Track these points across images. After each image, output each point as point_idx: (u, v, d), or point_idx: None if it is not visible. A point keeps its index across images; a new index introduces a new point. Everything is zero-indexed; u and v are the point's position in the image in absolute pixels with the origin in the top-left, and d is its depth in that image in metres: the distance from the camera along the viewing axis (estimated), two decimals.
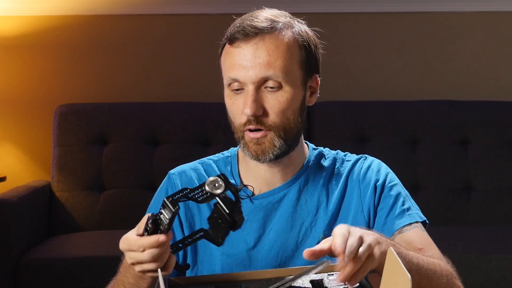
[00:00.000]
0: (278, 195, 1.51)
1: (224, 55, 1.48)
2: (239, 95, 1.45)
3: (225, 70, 1.47)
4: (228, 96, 1.47)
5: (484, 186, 3.38)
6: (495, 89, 3.64)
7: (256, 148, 1.45)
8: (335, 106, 3.45)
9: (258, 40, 1.43)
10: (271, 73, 1.42)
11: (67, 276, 2.87)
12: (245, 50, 1.43)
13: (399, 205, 1.50)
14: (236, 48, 1.44)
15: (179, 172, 1.55)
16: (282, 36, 1.44)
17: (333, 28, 3.48)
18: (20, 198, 3.03)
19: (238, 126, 1.46)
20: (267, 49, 1.42)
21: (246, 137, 1.45)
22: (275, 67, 1.42)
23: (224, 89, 1.50)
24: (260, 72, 1.42)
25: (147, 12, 3.62)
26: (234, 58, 1.44)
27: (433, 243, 1.50)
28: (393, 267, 1.11)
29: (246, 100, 1.43)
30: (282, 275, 1.28)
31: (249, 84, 1.43)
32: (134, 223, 1.25)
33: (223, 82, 1.50)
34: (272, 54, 1.42)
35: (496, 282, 2.84)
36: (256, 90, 1.43)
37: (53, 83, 3.62)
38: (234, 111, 1.46)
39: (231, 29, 1.47)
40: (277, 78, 1.43)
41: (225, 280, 1.26)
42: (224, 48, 1.49)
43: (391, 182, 1.53)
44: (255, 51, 1.42)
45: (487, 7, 3.63)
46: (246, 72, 1.42)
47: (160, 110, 3.44)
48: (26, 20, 3.58)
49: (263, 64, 1.42)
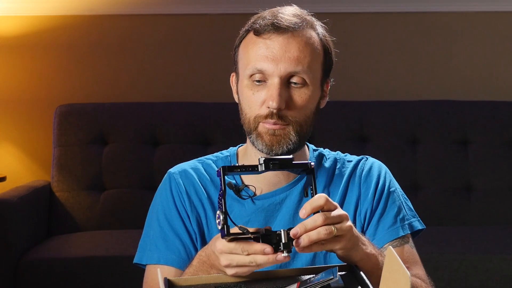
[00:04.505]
0: (280, 196, 1.50)
1: (248, 45, 1.46)
2: (260, 86, 1.44)
3: (249, 60, 1.45)
4: (248, 87, 1.45)
5: (484, 186, 3.38)
6: (495, 89, 3.64)
7: (272, 139, 1.44)
8: (335, 106, 3.44)
9: (290, 34, 1.43)
10: (299, 68, 1.42)
11: (67, 276, 2.87)
12: (276, 43, 1.42)
13: (394, 215, 1.51)
14: (266, 39, 1.43)
15: (180, 171, 1.55)
16: (309, 35, 1.45)
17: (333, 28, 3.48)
18: (20, 198, 3.03)
19: (254, 118, 1.44)
20: (298, 44, 1.43)
21: (261, 128, 1.44)
22: (304, 63, 1.43)
23: (239, 80, 1.49)
24: (290, 66, 1.42)
25: (147, 12, 3.62)
26: (262, 49, 1.43)
27: (419, 261, 1.51)
28: (393, 266, 1.12)
29: (271, 93, 1.42)
30: (282, 276, 1.28)
31: (275, 77, 1.42)
32: (134, 223, 1.25)
33: (239, 73, 1.49)
34: (302, 50, 1.43)
35: (496, 282, 2.84)
36: (282, 84, 1.42)
37: (53, 83, 3.62)
38: (252, 102, 1.45)
39: (260, 21, 1.45)
40: (303, 75, 1.43)
41: (225, 281, 1.26)
42: (246, 39, 1.47)
43: (391, 188, 1.54)
44: (287, 45, 1.42)
45: (487, 7, 3.63)
46: (276, 64, 1.41)
47: (160, 110, 3.44)
48: (26, 20, 3.58)
49: (293, 59, 1.42)
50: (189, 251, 1.49)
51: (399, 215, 1.51)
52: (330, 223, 1.23)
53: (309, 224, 1.22)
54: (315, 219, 1.22)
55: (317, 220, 1.22)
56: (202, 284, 1.25)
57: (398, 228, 1.50)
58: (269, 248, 1.21)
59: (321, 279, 1.19)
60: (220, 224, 1.20)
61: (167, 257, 1.49)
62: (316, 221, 1.22)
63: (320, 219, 1.22)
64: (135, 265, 1.55)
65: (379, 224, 1.50)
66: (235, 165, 1.21)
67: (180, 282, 1.26)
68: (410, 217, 1.53)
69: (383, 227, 1.49)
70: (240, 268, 1.23)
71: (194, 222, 1.50)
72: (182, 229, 1.50)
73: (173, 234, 1.50)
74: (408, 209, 1.54)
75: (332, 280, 1.18)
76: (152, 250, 1.51)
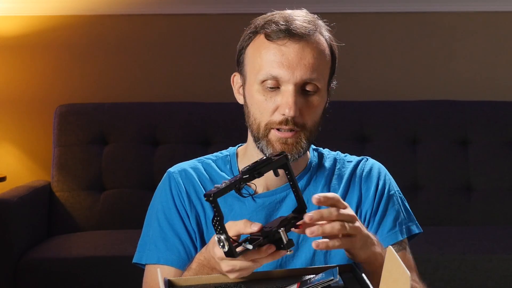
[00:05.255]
0: (280, 195, 1.50)
1: (259, 49, 1.44)
2: (273, 92, 1.42)
3: (262, 65, 1.43)
4: (259, 92, 1.43)
5: (484, 186, 3.37)
6: (495, 89, 3.64)
7: (283, 148, 1.43)
8: (335, 106, 3.43)
9: (305, 42, 1.42)
10: (314, 76, 1.42)
11: (67, 276, 2.87)
12: (291, 50, 1.41)
13: (393, 219, 1.51)
14: (281, 46, 1.41)
15: (179, 171, 1.54)
16: (321, 41, 1.45)
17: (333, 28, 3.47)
18: (20, 198, 3.03)
19: (266, 124, 1.43)
20: (313, 52, 1.42)
21: (273, 136, 1.43)
22: (318, 71, 1.42)
23: (246, 83, 1.47)
24: (306, 74, 1.41)
25: (147, 12, 3.62)
26: (277, 56, 1.41)
27: (414, 266, 1.52)
28: (393, 266, 1.12)
29: (286, 100, 1.40)
30: (282, 276, 1.28)
31: (290, 84, 1.41)
32: (134, 223, 1.25)
33: (247, 76, 1.47)
34: (317, 57, 1.42)
35: (496, 282, 2.84)
36: (297, 91, 1.41)
37: (53, 83, 3.62)
38: (264, 108, 1.43)
39: (273, 26, 1.42)
40: (317, 82, 1.43)
41: (225, 281, 1.26)
42: (255, 41, 1.45)
43: (391, 191, 1.54)
44: (302, 52, 1.41)
45: (487, 7, 3.63)
46: (292, 72, 1.40)
47: (160, 110, 3.44)
48: (26, 20, 3.58)
49: (309, 67, 1.41)
50: (188, 251, 1.49)
51: (398, 219, 1.51)
52: (342, 219, 1.24)
53: (325, 213, 1.23)
54: (331, 211, 1.24)
55: (333, 212, 1.24)
56: (202, 284, 1.25)
57: (397, 232, 1.50)
58: (272, 248, 1.21)
59: (321, 280, 1.19)
60: (225, 247, 1.18)
61: (167, 257, 1.49)
62: (332, 213, 1.24)
63: (335, 212, 1.24)
64: (135, 265, 1.55)
65: (378, 228, 1.50)
66: (220, 189, 1.17)
67: (180, 282, 1.26)
68: (408, 221, 1.53)
69: (382, 231, 1.50)
70: (243, 272, 1.23)
71: (193, 222, 1.50)
72: (182, 228, 1.50)
73: (172, 234, 1.50)
74: (406, 213, 1.54)
75: (332, 281, 1.18)
76: (151, 250, 1.50)
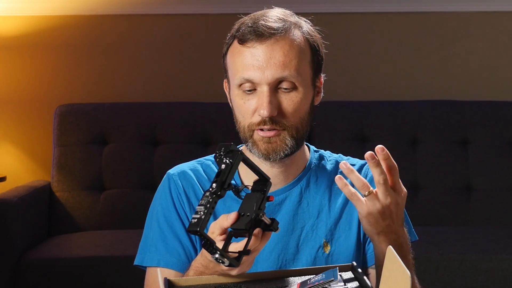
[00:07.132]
0: (279, 197, 1.50)
1: (234, 55, 1.46)
2: (251, 95, 1.43)
3: (236, 70, 1.44)
4: (239, 96, 1.45)
5: (484, 186, 3.38)
6: (495, 89, 3.64)
7: (267, 147, 1.44)
8: (335, 106, 3.45)
9: (273, 40, 1.42)
10: (286, 73, 1.41)
11: (67, 276, 2.87)
12: (259, 51, 1.41)
13: None
14: (250, 48, 1.42)
15: (178, 172, 1.54)
16: (294, 37, 1.44)
17: (333, 28, 3.47)
18: (20, 198, 3.03)
19: (248, 126, 1.44)
20: (282, 49, 1.42)
21: (256, 136, 1.44)
22: (290, 67, 1.42)
23: (230, 88, 1.49)
24: (276, 72, 1.41)
25: (147, 12, 3.62)
26: (247, 58, 1.42)
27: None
28: (393, 266, 1.12)
29: (261, 101, 1.41)
30: (282, 276, 1.28)
31: (264, 85, 1.42)
32: (134, 223, 1.25)
33: (230, 81, 1.49)
34: (287, 54, 1.42)
35: (496, 282, 2.84)
36: (271, 91, 1.42)
37: (53, 83, 3.62)
38: (244, 111, 1.45)
39: (242, 28, 1.44)
40: (292, 79, 1.42)
41: (225, 281, 1.26)
42: (231, 47, 1.47)
43: None
44: (271, 52, 1.41)
45: (487, 7, 3.63)
46: (262, 73, 1.41)
47: (160, 110, 3.44)
48: (26, 20, 3.58)
49: (279, 65, 1.41)
50: (188, 253, 1.49)
51: None
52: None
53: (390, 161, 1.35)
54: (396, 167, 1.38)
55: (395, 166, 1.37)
56: (202, 284, 1.25)
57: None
58: (260, 232, 1.23)
59: (321, 280, 1.19)
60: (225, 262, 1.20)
61: (167, 259, 1.49)
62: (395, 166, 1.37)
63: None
64: (136, 266, 1.55)
65: None
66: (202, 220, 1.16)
67: (180, 282, 1.25)
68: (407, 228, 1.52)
69: None
70: (243, 266, 1.23)
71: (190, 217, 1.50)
72: (182, 230, 1.50)
73: (172, 236, 1.50)
74: (405, 220, 1.54)
75: (332, 281, 1.18)
76: (152, 252, 1.50)
